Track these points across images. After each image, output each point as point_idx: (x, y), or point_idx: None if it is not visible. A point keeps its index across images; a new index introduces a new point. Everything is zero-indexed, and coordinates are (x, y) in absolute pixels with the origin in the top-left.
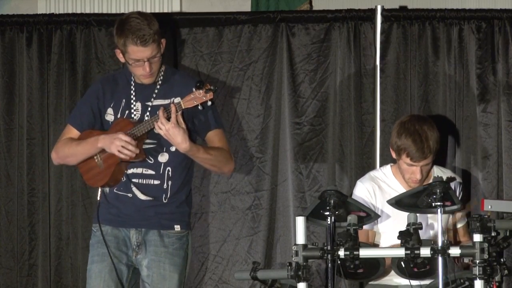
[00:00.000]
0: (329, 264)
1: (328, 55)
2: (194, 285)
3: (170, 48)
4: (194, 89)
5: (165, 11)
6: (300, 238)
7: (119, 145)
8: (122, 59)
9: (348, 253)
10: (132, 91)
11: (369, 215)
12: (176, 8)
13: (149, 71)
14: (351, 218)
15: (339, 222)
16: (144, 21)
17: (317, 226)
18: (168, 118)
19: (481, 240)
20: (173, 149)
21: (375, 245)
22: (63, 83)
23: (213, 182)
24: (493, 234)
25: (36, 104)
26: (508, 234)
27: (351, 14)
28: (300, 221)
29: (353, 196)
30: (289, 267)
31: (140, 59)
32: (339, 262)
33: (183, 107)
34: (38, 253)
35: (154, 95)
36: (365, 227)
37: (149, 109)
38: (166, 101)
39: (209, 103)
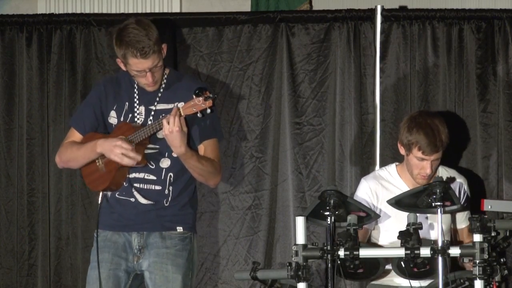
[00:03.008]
0: (329, 264)
1: (328, 55)
2: (194, 285)
3: (170, 48)
4: (194, 96)
5: (165, 11)
6: (300, 238)
7: (118, 152)
8: (124, 68)
9: (348, 253)
10: (135, 95)
11: (369, 215)
12: (176, 8)
13: (152, 81)
14: (351, 218)
15: (339, 222)
16: (143, 31)
17: (317, 226)
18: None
19: (481, 240)
20: (175, 154)
21: (375, 244)
22: (63, 83)
23: None
24: (493, 234)
25: (36, 104)
26: (508, 234)
27: (351, 14)
28: (300, 221)
29: (355, 194)
30: (289, 267)
31: (141, 70)
32: (339, 262)
33: (182, 114)
34: (37, 253)
35: (158, 99)
36: (364, 226)
37: (152, 113)
38: (170, 106)
39: (208, 110)
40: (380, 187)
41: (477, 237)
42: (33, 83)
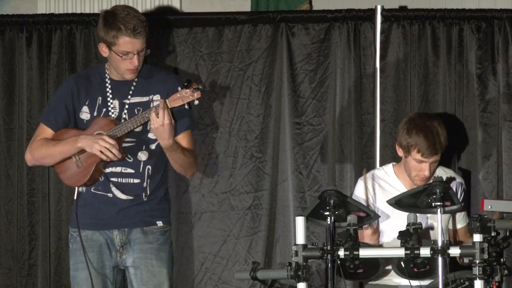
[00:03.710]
0: (329, 264)
1: (328, 55)
2: (194, 285)
3: (170, 48)
4: (180, 88)
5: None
6: (300, 238)
7: (102, 145)
8: (105, 54)
9: (348, 253)
10: (108, 89)
11: (369, 215)
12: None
13: (137, 65)
14: (351, 218)
15: (339, 222)
16: (133, 12)
17: (317, 226)
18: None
19: (481, 240)
20: (152, 147)
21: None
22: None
23: (212, 182)
24: (493, 234)
25: (36, 104)
26: (508, 234)
27: (351, 14)
28: (300, 221)
29: (353, 195)
30: (289, 267)
31: (130, 51)
32: (339, 262)
33: (169, 106)
34: (38, 253)
35: (131, 92)
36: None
37: (127, 106)
38: (145, 98)
39: (196, 102)
40: (377, 187)
41: (477, 237)
42: (33, 83)
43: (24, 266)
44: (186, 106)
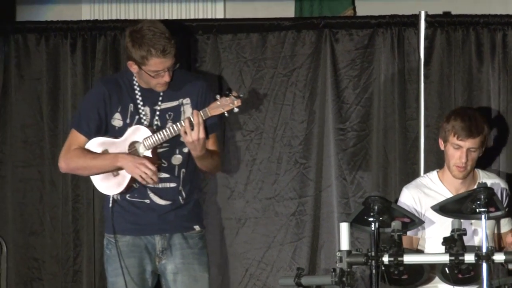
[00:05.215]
0: (373, 270)
1: (372, 60)
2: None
3: (213, 55)
4: (219, 97)
5: (209, 17)
6: (344, 244)
7: (143, 171)
8: (135, 70)
9: (392, 259)
10: (138, 96)
11: (413, 221)
12: (219, 14)
13: (168, 80)
14: (395, 224)
15: (383, 228)
16: (160, 31)
17: (361, 232)
18: (192, 127)
19: None
20: (185, 150)
21: (419, 251)
22: None
23: (256, 188)
24: None
25: None
26: None
27: (395, 20)
28: (344, 227)
29: (398, 203)
30: (333, 273)
31: (161, 69)
32: (383, 268)
33: (209, 115)
34: (82, 259)
35: (161, 98)
36: (409, 233)
37: (158, 113)
38: (175, 103)
39: (236, 110)
40: (423, 195)
41: None
42: (77, 89)
43: (69, 272)
44: (226, 114)
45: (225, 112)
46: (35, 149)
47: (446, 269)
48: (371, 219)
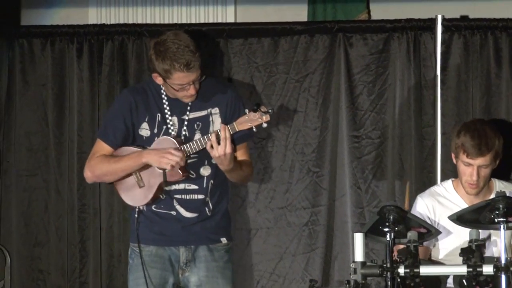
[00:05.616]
0: (389, 282)
1: (387, 66)
2: None
3: (224, 60)
4: (247, 111)
5: (220, 21)
6: (359, 255)
7: (171, 159)
8: (160, 82)
9: (408, 270)
10: (165, 105)
11: (430, 231)
12: (230, 19)
13: (194, 93)
14: (411, 235)
15: (399, 238)
16: (184, 44)
17: (376, 242)
18: (219, 140)
19: None
20: (214, 161)
21: (433, 261)
22: (114, 96)
23: (268, 197)
24: None
25: (87, 117)
26: None
27: (411, 24)
28: (359, 238)
29: (412, 211)
30: (347, 285)
31: (186, 83)
32: (399, 280)
33: (237, 129)
34: (89, 271)
35: (189, 108)
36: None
37: (186, 123)
38: (203, 112)
39: (265, 125)
40: (437, 203)
41: None
42: (84, 95)
43: (75, 284)
44: (254, 130)
45: (253, 127)
46: (40, 157)
47: (464, 280)
48: (386, 229)
